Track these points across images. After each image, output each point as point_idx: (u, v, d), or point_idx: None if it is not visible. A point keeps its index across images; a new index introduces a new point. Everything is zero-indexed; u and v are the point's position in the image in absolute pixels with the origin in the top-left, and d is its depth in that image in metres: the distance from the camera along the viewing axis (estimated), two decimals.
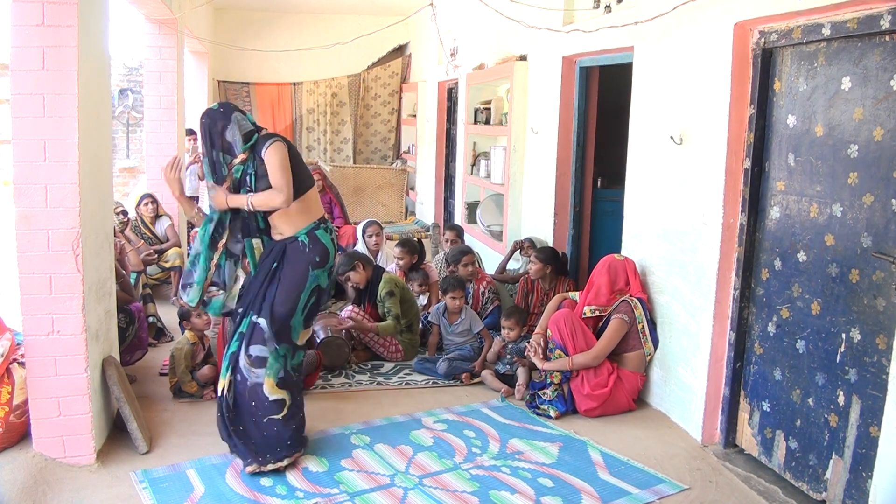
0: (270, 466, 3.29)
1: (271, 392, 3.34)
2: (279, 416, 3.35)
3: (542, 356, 4.09)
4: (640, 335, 4.05)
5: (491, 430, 3.84)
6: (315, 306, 3.48)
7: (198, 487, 3.19)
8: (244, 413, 3.37)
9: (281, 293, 3.35)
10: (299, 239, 3.39)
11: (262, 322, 3.34)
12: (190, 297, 3.43)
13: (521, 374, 4.39)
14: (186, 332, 4.34)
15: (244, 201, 3.33)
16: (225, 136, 3.33)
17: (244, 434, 3.36)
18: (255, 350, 3.34)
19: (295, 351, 3.46)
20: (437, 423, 3.91)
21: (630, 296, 4.10)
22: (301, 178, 3.38)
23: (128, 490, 3.16)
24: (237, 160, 3.35)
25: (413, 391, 4.44)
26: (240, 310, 3.44)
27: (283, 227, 3.42)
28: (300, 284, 3.36)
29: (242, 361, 3.35)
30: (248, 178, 3.37)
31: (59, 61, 3.09)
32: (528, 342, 4.25)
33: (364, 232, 5.94)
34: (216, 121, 3.35)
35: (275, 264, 3.39)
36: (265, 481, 3.26)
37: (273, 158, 3.28)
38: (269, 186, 3.30)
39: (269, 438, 3.35)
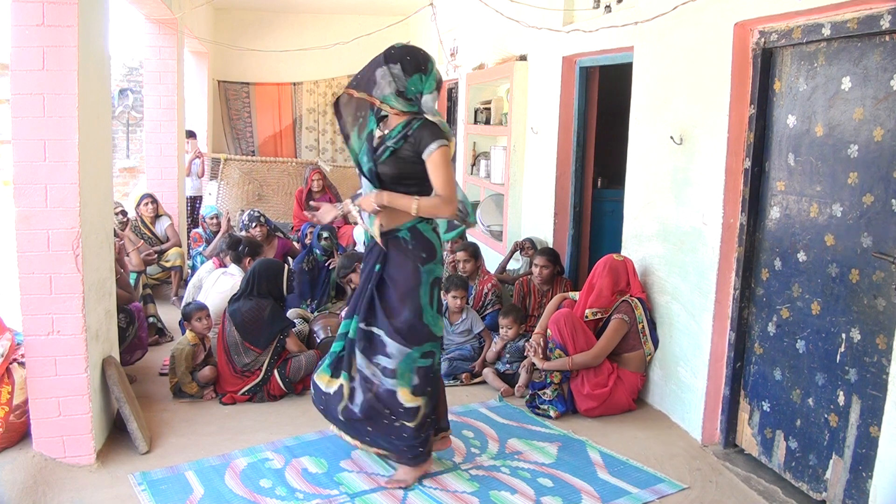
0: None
1: (407, 400, 3.12)
2: (412, 424, 3.15)
3: (542, 356, 4.09)
4: (641, 335, 4.05)
5: (490, 430, 3.84)
6: (440, 296, 3.25)
7: (197, 489, 3.19)
8: (377, 417, 3.16)
9: (397, 300, 3.11)
10: (400, 235, 3.11)
11: (381, 333, 3.12)
12: None
13: (521, 373, 4.40)
14: (187, 332, 4.34)
15: (409, 204, 3.02)
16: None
17: (371, 435, 3.21)
18: (382, 361, 3.12)
19: (439, 346, 3.25)
20: None
21: (630, 296, 4.10)
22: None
23: (128, 490, 3.16)
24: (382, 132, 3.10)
25: None
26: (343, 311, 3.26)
27: (387, 218, 3.10)
28: (415, 286, 3.10)
29: (368, 370, 3.14)
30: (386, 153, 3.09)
31: (59, 61, 3.09)
32: (528, 341, 4.25)
33: None
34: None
35: (377, 267, 3.14)
36: (265, 482, 3.26)
37: (441, 159, 2.99)
38: (399, 172, 3.07)
39: (397, 443, 3.19)
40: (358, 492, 3.19)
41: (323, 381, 3.30)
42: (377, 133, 3.17)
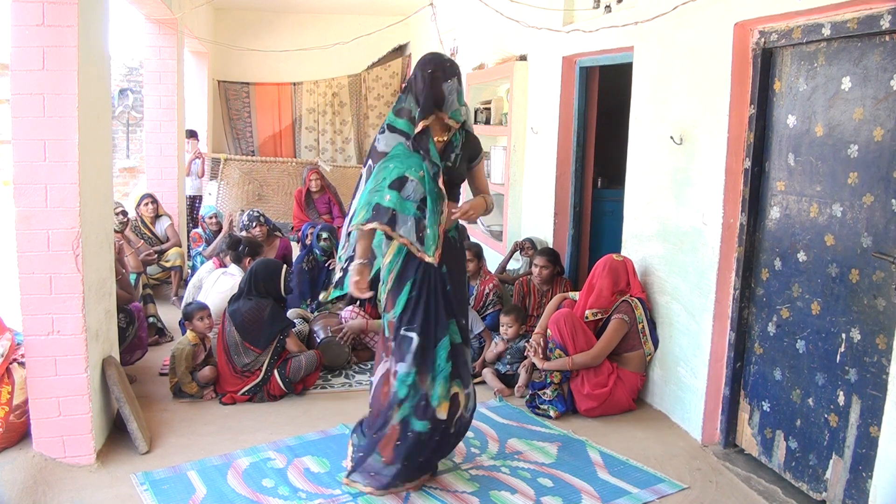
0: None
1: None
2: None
3: (542, 356, 4.09)
4: (641, 335, 4.05)
5: (490, 431, 3.84)
6: None
7: (199, 489, 3.19)
8: (469, 420, 3.25)
9: (462, 299, 3.16)
10: (450, 234, 3.15)
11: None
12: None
13: (521, 373, 4.40)
14: (188, 332, 4.34)
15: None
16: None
17: (453, 445, 3.27)
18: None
19: None
20: None
21: (630, 296, 4.10)
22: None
23: (128, 490, 3.16)
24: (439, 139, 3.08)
25: None
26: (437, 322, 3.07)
27: (449, 222, 3.13)
28: (466, 285, 3.23)
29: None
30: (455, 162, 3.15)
31: (59, 61, 3.09)
32: (528, 341, 4.25)
33: None
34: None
35: (444, 268, 3.09)
36: (267, 482, 3.26)
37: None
38: (458, 178, 3.18)
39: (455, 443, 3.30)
40: (360, 491, 3.19)
41: (442, 411, 3.04)
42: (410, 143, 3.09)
